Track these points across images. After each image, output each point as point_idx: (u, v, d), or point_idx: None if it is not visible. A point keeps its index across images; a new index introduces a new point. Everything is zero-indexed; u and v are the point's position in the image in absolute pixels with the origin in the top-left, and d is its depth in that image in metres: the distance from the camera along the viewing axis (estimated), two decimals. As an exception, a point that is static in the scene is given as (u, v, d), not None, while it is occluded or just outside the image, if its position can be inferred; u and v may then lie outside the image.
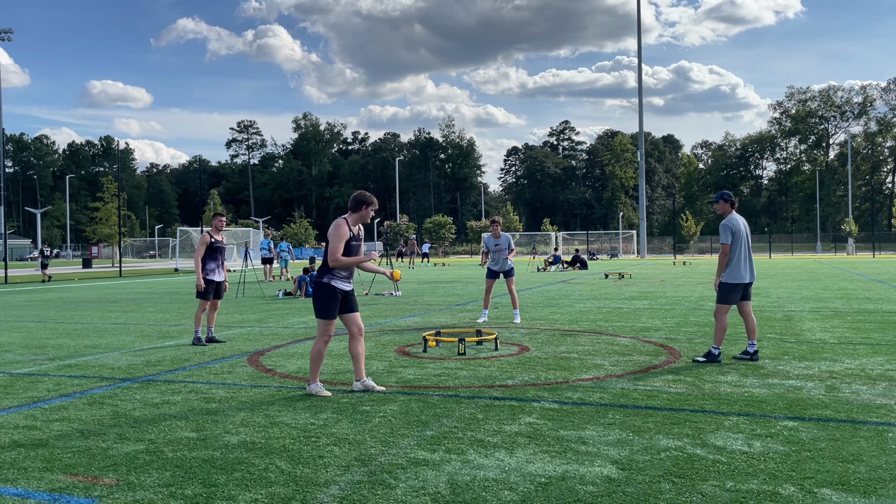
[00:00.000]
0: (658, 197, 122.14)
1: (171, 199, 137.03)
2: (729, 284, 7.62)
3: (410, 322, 11.85)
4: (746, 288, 7.71)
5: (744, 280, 7.61)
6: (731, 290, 7.63)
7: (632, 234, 75.33)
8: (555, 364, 7.66)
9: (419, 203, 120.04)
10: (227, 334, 10.58)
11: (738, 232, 7.60)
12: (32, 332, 11.17)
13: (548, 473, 4.12)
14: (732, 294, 7.64)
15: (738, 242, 7.60)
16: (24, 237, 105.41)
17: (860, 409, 5.52)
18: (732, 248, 7.57)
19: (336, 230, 6.10)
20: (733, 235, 7.58)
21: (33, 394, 6.49)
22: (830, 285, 20.03)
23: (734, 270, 7.59)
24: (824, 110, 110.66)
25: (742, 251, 7.60)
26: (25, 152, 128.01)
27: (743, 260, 7.60)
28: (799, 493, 3.78)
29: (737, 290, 7.63)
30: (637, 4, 67.29)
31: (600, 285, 21.47)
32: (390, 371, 7.34)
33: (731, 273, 7.60)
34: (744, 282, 7.62)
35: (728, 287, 7.63)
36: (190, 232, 49.55)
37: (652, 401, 5.86)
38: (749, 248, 7.72)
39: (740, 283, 7.62)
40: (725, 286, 7.63)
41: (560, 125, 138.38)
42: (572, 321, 11.73)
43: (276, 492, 3.88)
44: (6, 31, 42.16)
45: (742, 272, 7.60)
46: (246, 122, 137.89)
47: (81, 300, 18.13)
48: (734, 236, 7.58)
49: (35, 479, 4.14)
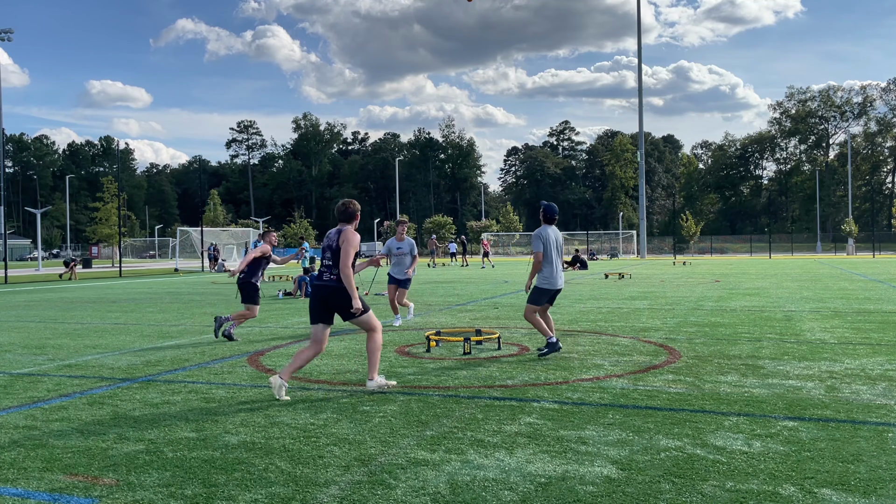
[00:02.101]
0: (658, 197, 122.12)
1: (171, 199, 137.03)
2: (542, 289, 8.18)
3: (410, 322, 11.85)
4: (555, 294, 8.31)
5: (556, 286, 8.20)
6: (544, 294, 8.20)
7: (632, 234, 75.33)
8: (555, 364, 7.66)
9: (419, 203, 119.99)
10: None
11: (549, 242, 8.13)
12: (32, 332, 11.17)
13: (548, 473, 4.12)
14: (543, 297, 8.20)
15: (549, 252, 8.13)
16: (24, 237, 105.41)
17: (860, 409, 5.52)
18: (544, 257, 8.09)
19: (354, 239, 6.22)
20: (544, 245, 8.10)
21: (33, 394, 6.49)
22: (830, 285, 20.03)
23: (549, 277, 8.16)
24: (824, 110, 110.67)
25: (554, 258, 8.16)
26: (25, 152, 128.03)
27: (555, 267, 8.17)
28: (799, 493, 3.78)
29: (548, 294, 8.22)
30: (637, 4, 67.28)
31: (600, 285, 21.47)
32: (390, 371, 7.34)
33: (545, 279, 8.16)
34: (556, 288, 8.21)
35: (541, 291, 8.19)
36: (190, 232, 49.56)
37: (652, 401, 5.86)
38: (560, 258, 8.28)
39: (552, 289, 8.20)
40: (538, 290, 8.19)
41: (560, 125, 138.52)
42: (572, 321, 11.73)
43: (276, 492, 3.88)
44: (6, 31, 42.14)
45: (555, 279, 8.18)
46: (246, 122, 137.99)
47: (81, 300, 18.13)
48: (545, 246, 8.10)
49: (35, 479, 4.14)
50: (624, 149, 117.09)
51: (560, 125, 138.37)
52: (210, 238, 43.53)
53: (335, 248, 6.22)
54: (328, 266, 6.24)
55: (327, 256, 6.27)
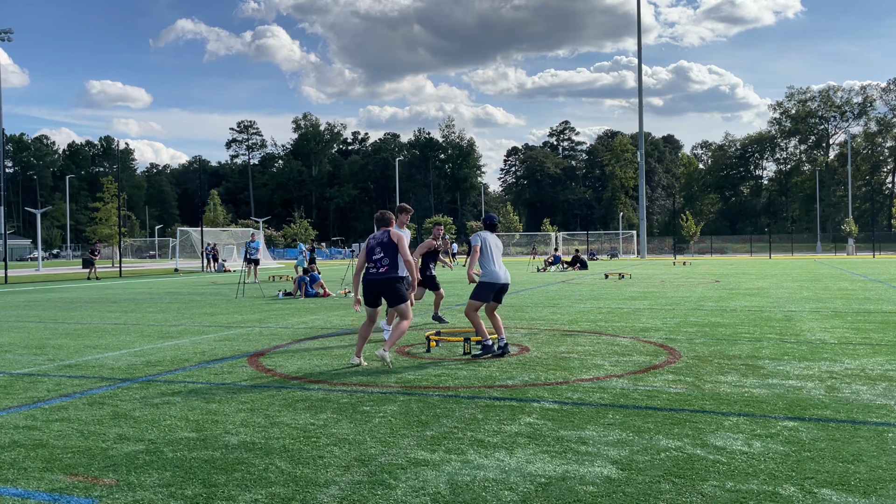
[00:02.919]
0: (658, 197, 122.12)
1: (171, 199, 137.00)
2: (486, 283, 8.35)
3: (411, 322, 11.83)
4: (501, 290, 8.42)
5: (499, 280, 8.33)
6: (488, 289, 8.35)
7: (632, 235, 75.32)
8: (555, 364, 7.66)
9: (419, 203, 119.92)
10: (227, 334, 10.59)
11: (486, 241, 8.43)
12: (32, 332, 11.17)
13: (548, 473, 4.12)
14: (487, 293, 8.34)
15: (487, 248, 8.39)
16: (24, 237, 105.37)
17: (860, 409, 5.52)
18: (483, 251, 8.37)
19: (403, 234, 7.77)
20: (482, 241, 8.43)
21: (33, 394, 6.49)
22: (830, 285, 20.03)
23: (489, 272, 8.33)
24: (824, 110, 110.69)
25: (494, 256, 8.39)
26: (25, 152, 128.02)
27: (496, 264, 8.37)
28: (799, 493, 3.78)
29: (492, 289, 8.35)
30: (637, 4, 67.30)
31: (600, 285, 21.47)
32: (390, 371, 7.34)
33: (487, 274, 8.35)
34: (499, 282, 8.34)
35: (484, 286, 8.35)
36: (190, 232, 49.53)
37: (652, 401, 5.86)
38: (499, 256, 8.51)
39: (496, 283, 8.33)
40: (482, 285, 8.36)
41: (560, 125, 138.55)
42: (572, 321, 11.73)
43: (276, 492, 3.88)
44: (6, 32, 42.08)
45: (496, 273, 8.33)
46: (246, 122, 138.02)
47: (81, 300, 18.13)
48: (482, 242, 8.43)
49: (35, 479, 4.14)
50: (624, 149, 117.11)
51: (560, 125, 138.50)
52: (210, 238, 43.50)
53: (386, 243, 7.55)
54: (379, 259, 7.54)
55: (377, 252, 7.55)
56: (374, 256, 7.58)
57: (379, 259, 7.55)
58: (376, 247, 7.59)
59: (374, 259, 7.57)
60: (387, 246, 7.55)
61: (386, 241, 7.57)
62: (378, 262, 7.55)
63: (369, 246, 7.65)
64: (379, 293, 7.63)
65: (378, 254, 7.56)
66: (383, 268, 7.54)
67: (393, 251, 7.55)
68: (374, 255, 7.58)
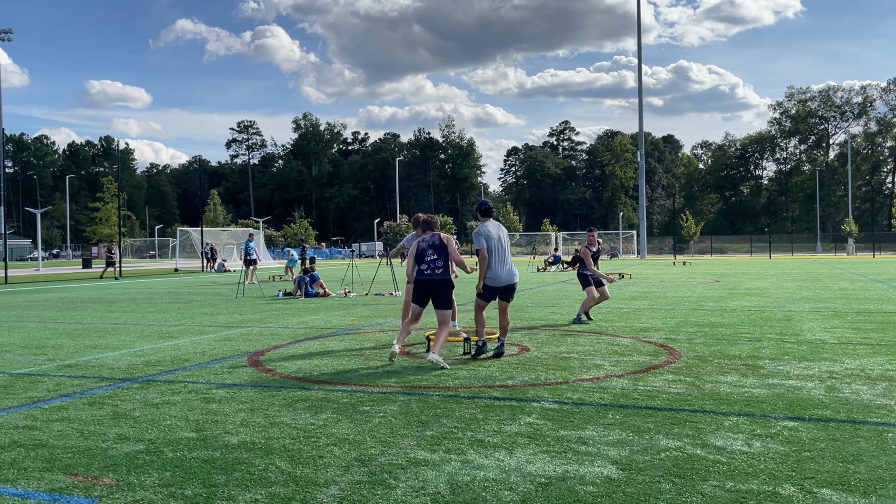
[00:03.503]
0: (658, 197, 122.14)
1: (171, 199, 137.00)
2: (486, 285, 8.21)
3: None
4: (505, 290, 8.24)
5: (499, 283, 8.17)
6: (487, 291, 8.24)
7: (632, 235, 75.34)
8: (555, 364, 7.66)
9: (419, 203, 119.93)
10: (227, 334, 10.59)
11: (490, 238, 8.14)
12: (32, 332, 11.17)
13: (548, 473, 4.12)
14: (487, 294, 8.26)
15: (491, 246, 8.13)
16: (24, 237, 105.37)
17: (860, 409, 5.52)
18: (489, 251, 8.11)
19: (451, 237, 8.04)
20: (486, 240, 8.12)
21: (33, 394, 6.49)
22: (830, 285, 20.03)
23: (490, 273, 8.15)
24: (824, 110, 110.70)
25: (498, 254, 8.16)
26: (25, 152, 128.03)
27: (499, 263, 8.15)
28: (799, 493, 3.78)
29: (492, 291, 8.24)
30: (637, 4, 67.30)
31: (600, 285, 21.43)
32: (390, 371, 7.34)
33: (488, 275, 8.16)
34: (499, 285, 8.18)
35: (485, 287, 8.22)
36: (190, 232, 49.52)
37: (652, 401, 5.86)
38: (505, 252, 8.24)
39: (495, 287, 8.20)
40: (483, 286, 8.22)
41: (560, 125, 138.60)
42: (572, 321, 11.72)
43: (276, 492, 3.88)
44: (6, 32, 42.07)
45: (497, 274, 8.14)
46: (246, 122, 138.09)
47: (81, 300, 18.13)
48: (487, 241, 8.12)
49: (35, 479, 4.14)
50: (624, 149, 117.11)
51: (560, 125, 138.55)
52: (210, 238, 43.49)
53: (438, 245, 7.87)
54: (433, 261, 7.84)
55: (430, 253, 7.85)
56: (426, 258, 7.90)
57: (433, 260, 7.88)
58: (428, 249, 7.91)
59: (427, 261, 7.89)
60: (439, 248, 7.89)
61: (438, 244, 7.90)
62: (432, 263, 7.88)
63: (419, 248, 7.96)
64: (430, 294, 7.88)
65: (431, 255, 7.90)
66: (439, 269, 7.87)
67: (444, 253, 7.89)
68: (426, 256, 7.91)
